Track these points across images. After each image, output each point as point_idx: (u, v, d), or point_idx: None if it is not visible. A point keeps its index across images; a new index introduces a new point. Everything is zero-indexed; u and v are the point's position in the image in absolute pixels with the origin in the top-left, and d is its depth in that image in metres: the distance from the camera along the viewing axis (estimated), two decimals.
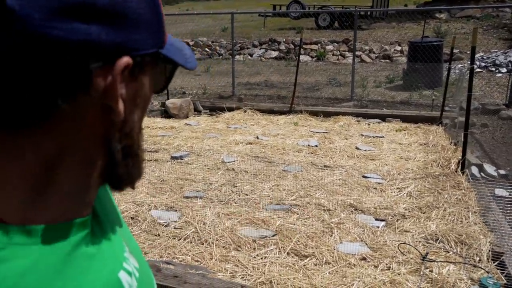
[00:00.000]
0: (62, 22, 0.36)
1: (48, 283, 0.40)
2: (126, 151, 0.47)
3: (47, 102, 0.38)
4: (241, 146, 5.07)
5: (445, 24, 13.89)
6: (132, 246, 0.55)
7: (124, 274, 0.48)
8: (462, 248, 2.73)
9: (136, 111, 0.46)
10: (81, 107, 0.40)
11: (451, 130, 5.55)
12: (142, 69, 0.44)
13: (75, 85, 0.38)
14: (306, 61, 11.80)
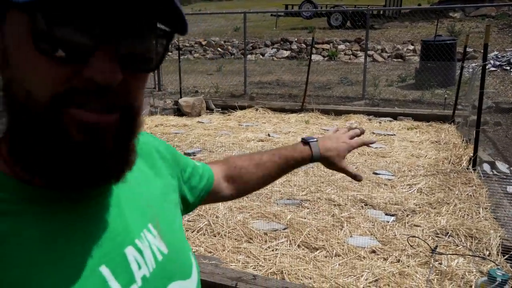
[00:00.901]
0: None
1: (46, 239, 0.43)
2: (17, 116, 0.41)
3: None
4: (253, 143, 5.14)
5: (459, 23, 13.75)
6: (168, 234, 0.56)
7: (131, 250, 0.49)
8: (472, 242, 2.75)
9: (8, 67, 0.41)
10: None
11: (463, 128, 5.53)
12: (2, 16, 0.40)
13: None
14: (318, 61, 11.82)
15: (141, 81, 0.45)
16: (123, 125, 0.43)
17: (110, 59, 0.40)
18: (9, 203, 0.42)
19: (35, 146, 0.41)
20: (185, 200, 0.71)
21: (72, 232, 0.45)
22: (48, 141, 0.40)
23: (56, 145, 0.40)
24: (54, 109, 0.40)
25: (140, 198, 0.56)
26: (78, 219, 0.46)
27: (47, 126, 0.40)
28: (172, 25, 0.44)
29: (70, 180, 0.42)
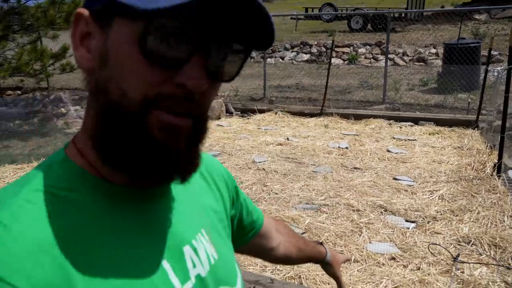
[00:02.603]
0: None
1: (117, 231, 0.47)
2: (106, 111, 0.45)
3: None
4: (272, 147, 5.15)
5: (484, 26, 13.43)
6: (217, 241, 0.61)
7: (188, 249, 0.54)
8: (496, 251, 2.69)
9: (107, 68, 0.45)
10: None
11: (487, 134, 5.39)
12: (102, 20, 0.45)
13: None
14: (338, 64, 11.74)
15: (215, 91, 0.49)
16: (195, 130, 0.47)
17: (201, 68, 0.44)
18: (86, 194, 0.47)
19: (120, 141, 0.45)
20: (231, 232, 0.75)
21: (139, 226, 0.49)
22: (133, 137, 0.44)
23: (140, 142, 0.44)
24: (144, 110, 0.44)
25: (197, 205, 0.61)
26: (145, 216, 0.50)
27: (135, 124, 0.44)
28: (258, 39, 0.47)
29: (147, 174, 0.46)
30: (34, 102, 8.76)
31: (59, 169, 0.48)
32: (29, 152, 5.73)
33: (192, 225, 0.56)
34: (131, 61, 0.43)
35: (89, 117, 0.48)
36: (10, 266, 0.39)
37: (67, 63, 8.24)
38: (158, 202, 0.53)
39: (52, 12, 6.81)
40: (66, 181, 0.47)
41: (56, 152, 0.52)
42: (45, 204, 0.44)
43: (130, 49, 0.43)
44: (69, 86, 10.08)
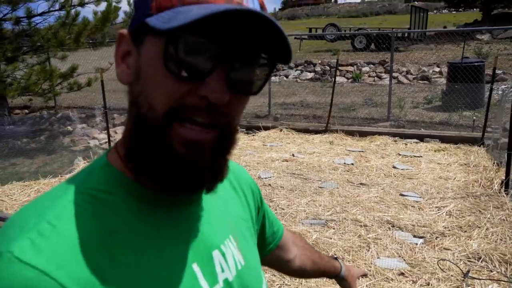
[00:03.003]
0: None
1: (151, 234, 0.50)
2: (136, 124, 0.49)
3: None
4: (277, 163, 5.16)
5: (486, 46, 13.56)
6: (244, 247, 0.62)
7: (217, 253, 0.56)
8: (507, 268, 2.65)
9: (139, 82, 0.49)
10: None
11: (493, 151, 5.38)
12: (137, 40, 0.49)
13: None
14: (342, 83, 11.84)
15: (241, 103, 0.51)
16: (221, 141, 0.49)
17: (222, 80, 0.46)
18: (123, 198, 0.50)
19: (148, 152, 0.48)
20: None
21: (170, 230, 0.52)
22: (158, 149, 0.47)
23: (162, 153, 0.47)
24: (167, 122, 0.46)
25: (226, 211, 0.63)
26: (175, 220, 0.53)
27: (159, 138, 0.47)
28: (278, 55, 0.49)
29: (171, 185, 0.48)
30: (41, 121, 8.87)
31: (100, 173, 0.51)
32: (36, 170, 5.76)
33: (221, 230, 0.58)
34: (156, 76, 0.46)
35: (127, 126, 0.52)
36: (56, 262, 0.42)
37: (75, 82, 8.37)
38: (189, 207, 0.55)
39: (62, 33, 6.97)
40: (106, 184, 0.50)
41: (99, 157, 0.55)
42: (87, 206, 0.47)
43: (156, 64, 0.46)
44: (76, 104, 10.21)
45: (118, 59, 0.52)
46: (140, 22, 0.47)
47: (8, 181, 4.78)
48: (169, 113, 0.46)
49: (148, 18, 0.46)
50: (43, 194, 0.50)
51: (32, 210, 0.47)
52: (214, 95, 0.45)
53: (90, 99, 10.12)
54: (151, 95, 0.47)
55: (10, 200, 4.17)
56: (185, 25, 0.41)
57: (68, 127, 8.04)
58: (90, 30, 7.18)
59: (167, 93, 0.46)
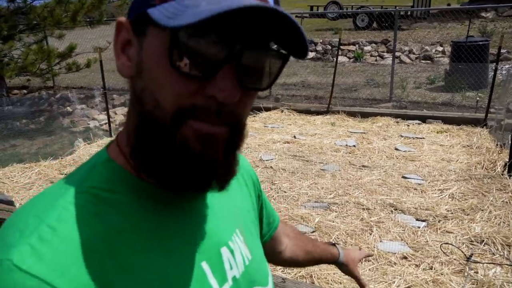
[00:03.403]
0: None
1: (157, 233, 0.48)
2: (142, 121, 0.46)
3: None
4: (279, 145, 5.13)
5: (491, 23, 13.32)
6: (251, 241, 0.61)
7: (226, 250, 0.54)
8: (510, 251, 2.65)
9: (142, 77, 0.45)
10: None
11: (496, 132, 5.34)
12: (138, 30, 0.45)
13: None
14: (344, 62, 11.68)
15: (251, 98, 0.48)
16: (232, 138, 0.47)
17: (231, 78, 0.42)
18: (126, 196, 0.47)
19: (156, 151, 0.45)
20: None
21: (179, 228, 0.49)
22: (169, 148, 0.44)
23: (175, 153, 0.44)
24: (178, 121, 0.43)
25: (231, 205, 0.61)
26: (182, 218, 0.50)
27: (169, 135, 0.44)
28: (292, 48, 0.45)
29: (184, 184, 0.46)
30: (40, 101, 8.79)
31: (102, 170, 0.49)
32: (36, 151, 5.74)
33: (228, 225, 0.57)
34: (162, 72, 0.43)
35: (130, 122, 0.49)
36: (57, 269, 0.40)
37: (73, 62, 8.26)
38: (194, 203, 0.53)
39: (59, 11, 6.82)
40: (108, 182, 0.47)
41: (99, 152, 0.52)
42: (89, 206, 0.45)
43: (160, 60, 0.42)
44: (75, 85, 10.10)
45: (117, 50, 0.48)
46: (140, 11, 0.44)
47: (8, 162, 4.76)
48: (178, 114, 0.43)
49: (150, 8, 0.42)
50: (42, 193, 0.47)
51: (32, 212, 0.44)
52: (223, 94, 0.42)
53: (89, 79, 10.01)
54: (157, 91, 0.43)
55: (11, 182, 4.16)
56: (194, 24, 0.37)
57: (67, 108, 7.97)
58: (87, 8, 7.02)
59: (174, 92, 0.43)
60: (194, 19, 0.37)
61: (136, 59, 0.46)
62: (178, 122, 0.43)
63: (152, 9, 0.42)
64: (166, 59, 0.42)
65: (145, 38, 0.44)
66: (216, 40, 0.41)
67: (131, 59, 0.47)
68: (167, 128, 0.43)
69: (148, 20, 0.42)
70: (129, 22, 0.46)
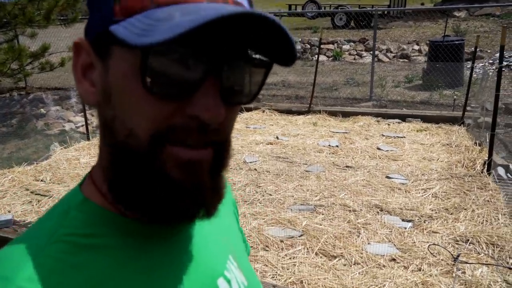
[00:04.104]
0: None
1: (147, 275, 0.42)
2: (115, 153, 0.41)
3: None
4: (262, 146, 5.08)
5: (463, 23, 13.67)
6: (243, 265, 0.56)
7: (222, 281, 0.49)
8: (494, 250, 2.69)
9: (110, 104, 0.40)
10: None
11: (473, 130, 5.46)
12: (100, 51, 0.40)
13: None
14: (323, 61, 11.74)
15: (235, 113, 0.44)
16: (217, 159, 0.42)
17: (213, 94, 0.38)
18: (110, 238, 0.42)
19: (135, 183, 0.40)
20: None
21: (169, 264, 0.45)
22: (146, 177, 0.39)
23: (154, 182, 0.39)
24: (154, 147, 0.39)
25: (220, 229, 0.56)
26: (172, 252, 0.46)
27: (146, 164, 0.39)
28: (276, 55, 0.40)
29: (169, 215, 0.41)
30: (11, 103, 8.44)
31: (77, 213, 0.43)
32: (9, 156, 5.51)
33: (221, 253, 0.53)
34: (134, 96, 0.38)
35: (103, 157, 0.44)
36: None
37: (47, 62, 7.97)
38: (184, 234, 0.48)
39: (31, 9, 6.55)
40: (87, 226, 0.42)
41: (72, 191, 0.46)
42: (66, 258, 0.39)
43: (131, 83, 0.37)
44: (49, 85, 9.76)
45: (78, 75, 0.42)
46: (101, 30, 0.38)
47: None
48: (155, 138, 0.38)
49: (112, 25, 0.37)
50: (11, 245, 0.40)
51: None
52: (207, 114, 0.37)
53: (64, 79, 9.69)
54: (129, 119, 0.39)
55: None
56: (171, 39, 0.32)
57: (41, 109, 7.68)
58: (61, 6, 6.78)
59: (149, 116, 0.38)
60: (172, 33, 0.32)
61: (101, 84, 0.40)
62: (154, 149, 0.38)
63: (115, 26, 0.36)
64: (137, 81, 0.37)
65: (110, 59, 0.39)
66: (193, 54, 0.36)
67: (95, 84, 0.41)
68: (144, 156, 0.39)
69: (111, 39, 0.37)
70: (88, 43, 0.41)
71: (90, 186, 0.45)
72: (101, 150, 0.44)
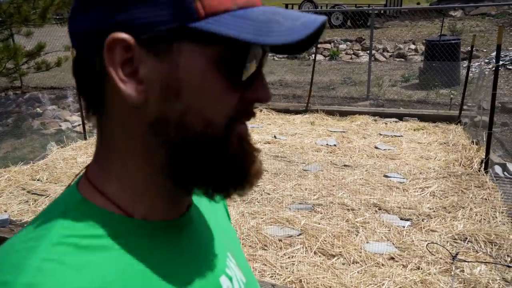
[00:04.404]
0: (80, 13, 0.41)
1: (151, 276, 0.42)
2: (187, 146, 0.42)
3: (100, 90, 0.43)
4: (260, 145, 5.08)
5: (459, 22, 13.73)
6: (241, 263, 0.56)
7: (225, 280, 0.49)
8: (492, 248, 2.70)
9: (181, 97, 0.40)
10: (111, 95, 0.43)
11: (470, 129, 5.48)
12: (167, 47, 0.39)
13: (100, 75, 0.41)
14: (320, 60, 11.75)
15: None
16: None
17: (264, 79, 0.44)
18: (113, 239, 0.42)
19: (208, 165, 0.43)
20: None
21: (171, 264, 0.44)
22: (222, 158, 0.43)
23: (226, 160, 0.43)
24: (228, 131, 0.42)
25: (217, 226, 0.56)
26: (176, 251, 0.46)
27: (223, 147, 0.43)
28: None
29: (223, 185, 0.44)
30: (7, 102, 8.39)
31: (78, 214, 0.41)
32: (4, 155, 5.47)
33: (221, 251, 0.53)
34: (215, 88, 0.41)
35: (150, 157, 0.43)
36: None
37: (43, 61, 7.92)
38: (185, 233, 0.48)
39: (26, 8, 6.50)
40: (88, 227, 0.41)
41: (67, 192, 0.45)
42: (68, 260, 0.38)
43: (211, 76, 0.40)
44: (45, 85, 9.71)
45: (119, 74, 0.39)
46: (173, 26, 0.38)
47: None
48: (228, 123, 0.42)
49: (195, 23, 0.38)
50: (7, 246, 0.39)
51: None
52: (265, 95, 0.44)
53: (60, 78, 9.64)
54: (207, 110, 0.41)
55: None
56: (291, 43, 0.37)
57: (37, 109, 7.63)
58: (57, 4, 6.73)
59: (227, 104, 0.42)
60: (291, 38, 0.37)
61: (161, 80, 0.40)
62: (228, 132, 0.42)
63: (200, 23, 0.38)
64: (217, 75, 0.40)
65: (179, 55, 0.39)
66: (263, 48, 0.42)
67: (143, 81, 0.40)
68: (222, 141, 0.42)
69: (185, 35, 0.38)
70: (136, 40, 0.39)
71: (87, 186, 0.44)
72: (128, 152, 0.43)
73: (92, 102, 0.44)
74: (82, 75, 0.43)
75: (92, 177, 0.45)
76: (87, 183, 0.45)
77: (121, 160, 0.44)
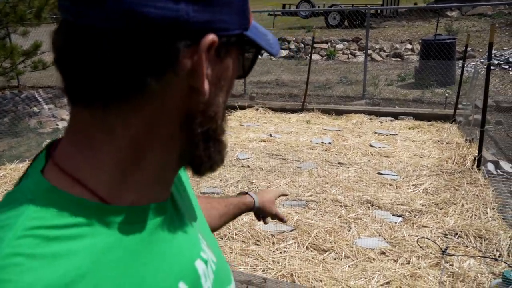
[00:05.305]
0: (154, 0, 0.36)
1: (127, 264, 0.41)
2: (208, 134, 0.46)
3: (137, 79, 0.38)
4: (255, 143, 5.10)
5: (456, 22, 13.78)
6: (210, 241, 0.56)
7: (200, 263, 0.50)
8: (482, 243, 2.73)
9: (220, 94, 0.46)
10: (168, 86, 0.40)
11: (465, 127, 5.52)
12: (227, 50, 0.43)
13: (163, 64, 0.38)
14: (316, 60, 11.78)
15: None
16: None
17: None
18: (85, 226, 0.40)
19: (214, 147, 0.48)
20: None
21: (148, 250, 0.44)
22: (220, 137, 0.49)
23: (221, 139, 0.49)
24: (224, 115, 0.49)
25: (187, 206, 0.56)
26: (152, 237, 0.45)
27: (222, 128, 0.49)
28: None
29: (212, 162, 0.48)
30: (4, 101, 8.39)
31: (47, 203, 0.39)
32: (1, 153, 5.47)
33: (193, 233, 0.52)
34: (233, 82, 0.48)
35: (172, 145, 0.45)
36: None
37: (39, 61, 7.92)
38: (163, 219, 0.47)
39: (22, 7, 6.51)
40: (59, 217, 0.38)
41: (31, 178, 0.42)
42: (38, 251, 0.36)
43: (234, 73, 0.47)
44: (42, 84, 9.72)
45: (207, 72, 0.42)
46: (237, 32, 0.44)
47: None
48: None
49: (248, 32, 0.45)
50: None
51: None
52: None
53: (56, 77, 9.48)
54: (224, 100, 0.48)
55: None
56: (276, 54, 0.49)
57: (34, 108, 7.64)
58: (53, 4, 6.74)
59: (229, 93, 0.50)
60: (275, 51, 0.49)
61: (216, 77, 0.44)
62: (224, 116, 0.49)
63: (249, 32, 0.45)
64: (236, 72, 0.47)
65: (227, 57, 0.44)
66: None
67: (208, 79, 0.43)
68: (221, 124, 0.48)
69: (241, 41, 0.45)
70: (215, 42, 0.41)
71: (56, 173, 0.41)
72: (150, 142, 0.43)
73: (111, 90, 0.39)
74: (104, 60, 0.38)
75: (62, 163, 0.42)
76: (55, 169, 0.42)
77: (132, 151, 0.42)
